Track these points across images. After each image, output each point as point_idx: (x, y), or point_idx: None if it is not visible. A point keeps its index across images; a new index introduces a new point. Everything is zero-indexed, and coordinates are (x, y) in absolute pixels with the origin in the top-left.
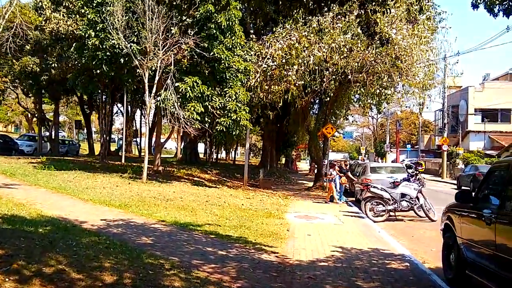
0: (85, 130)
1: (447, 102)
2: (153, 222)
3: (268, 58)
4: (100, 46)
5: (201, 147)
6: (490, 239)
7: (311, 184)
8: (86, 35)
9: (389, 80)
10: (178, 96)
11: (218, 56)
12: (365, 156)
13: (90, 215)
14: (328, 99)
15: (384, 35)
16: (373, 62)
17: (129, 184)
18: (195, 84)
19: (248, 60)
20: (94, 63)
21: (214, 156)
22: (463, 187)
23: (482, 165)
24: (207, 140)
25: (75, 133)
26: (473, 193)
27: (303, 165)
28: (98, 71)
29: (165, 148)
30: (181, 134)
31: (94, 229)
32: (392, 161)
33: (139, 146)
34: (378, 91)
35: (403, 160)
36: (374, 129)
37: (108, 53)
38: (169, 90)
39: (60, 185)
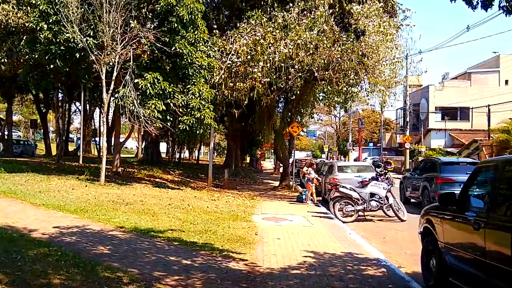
0: (42, 130)
1: (410, 99)
2: (111, 228)
3: (232, 54)
4: (54, 40)
5: (163, 147)
6: (477, 244)
7: (277, 183)
8: (38, 28)
9: (355, 77)
10: (138, 93)
11: (180, 51)
12: (329, 154)
13: (42, 222)
14: (293, 97)
15: (359, 26)
16: (339, 59)
17: (86, 186)
18: (155, 80)
19: (211, 56)
20: (47, 58)
21: (177, 156)
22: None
23: None
24: (170, 140)
25: (31, 133)
26: (457, 196)
27: (267, 164)
28: (51, 67)
29: (126, 148)
30: (142, 133)
31: (45, 238)
32: (355, 159)
33: (98, 146)
34: (344, 89)
35: (366, 158)
36: (337, 127)
37: (62, 48)
38: (128, 87)
39: (10, 189)
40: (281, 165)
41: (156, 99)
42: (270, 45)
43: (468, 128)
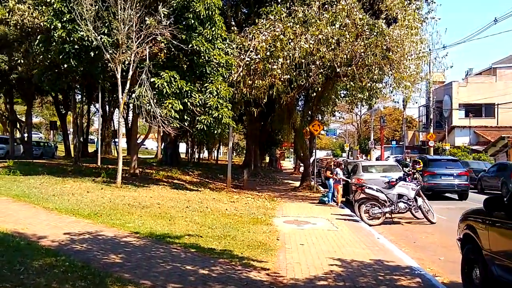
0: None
1: (429, 99)
2: (125, 234)
3: (251, 51)
4: (68, 39)
5: (182, 147)
6: None
7: (297, 184)
8: (52, 27)
9: (380, 73)
10: (154, 92)
11: (197, 48)
12: (350, 153)
13: (52, 228)
14: (314, 94)
15: (391, 14)
16: (363, 54)
17: (101, 189)
18: (172, 79)
19: (229, 54)
20: (61, 57)
21: (196, 156)
22: None
23: (473, 161)
24: (189, 140)
25: (52, 135)
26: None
27: (287, 164)
28: (66, 66)
29: (146, 148)
30: (161, 134)
31: (54, 246)
32: (377, 158)
33: (117, 147)
34: (368, 84)
35: (388, 157)
36: (358, 125)
37: (76, 46)
38: (144, 86)
39: (24, 192)
40: (301, 164)
41: (173, 98)
42: (290, 40)
43: (494, 125)
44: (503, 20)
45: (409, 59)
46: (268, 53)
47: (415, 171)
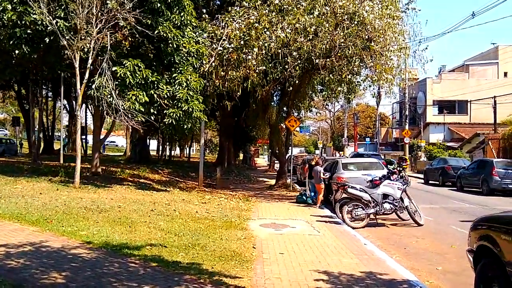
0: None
1: (403, 95)
2: (76, 244)
3: (223, 40)
4: (19, 22)
5: (153, 144)
6: None
7: (272, 181)
8: (1, 9)
9: (360, 64)
10: (116, 83)
11: (165, 35)
12: (324, 150)
13: None
14: (291, 88)
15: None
16: (342, 44)
17: (57, 190)
18: (136, 68)
19: (201, 43)
20: (11, 43)
21: (168, 154)
22: (430, 181)
23: (451, 157)
24: (159, 136)
25: (18, 131)
26: None
27: (261, 161)
28: (17, 53)
29: (116, 145)
30: (130, 130)
31: None
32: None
33: (86, 144)
34: (348, 77)
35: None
36: (331, 123)
37: (28, 31)
38: (104, 76)
39: None
40: (276, 162)
41: (138, 89)
42: (266, 29)
43: (467, 121)
44: (481, 14)
45: (391, 50)
46: (242, 42)
47: (401, 169)
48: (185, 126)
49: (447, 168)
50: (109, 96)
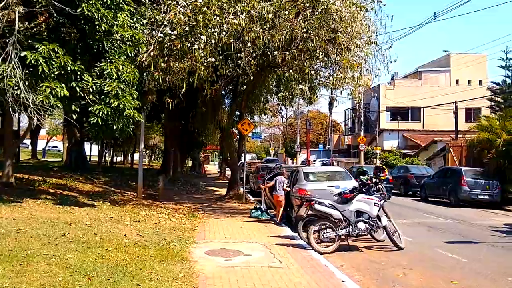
0: None
1: (356, 101)
2: None
3: (165, 25)
4: None
5: (95, 149)
6: None
7: (223, 191)
8: None
9: (325, 59)
10: (27, 71)
11: (90, 14)
12: (276, 156)
13: None
14: (244, 87)
15: None
16: (304, 35)
17: None
18: (52, 54)
19: (138, 29)
20: None
21: (110, 160)
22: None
23: (412, 165)
24: (101, 141)
25: None
26: None
27: (211, 168)
28: None
29: (59, 151)
30: (66, 134)
31: None
32: (302, 162)
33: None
34: (312, 72)
35: (314, 161)
36: (284, 129)
37: None
38: (10, 62)
39: None
40: (227, 169)
41: (56, 81)
42: (216, 16)
43: (420, 128)
44: (443, 14)
45: (358, 44)
46: (187, 29)
47: (377, 180)
48: (114, 127)
49: (409, 176)
50: (16, 88)
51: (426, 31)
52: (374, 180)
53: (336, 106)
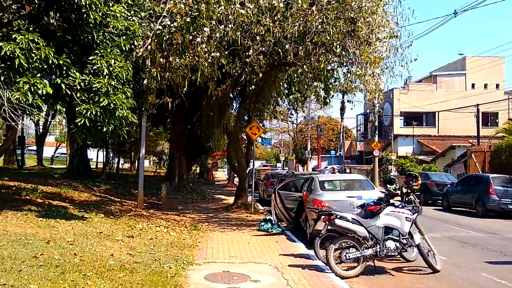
0: None
1: (370, 106)
2: None
3: (164, 16)
4: None
5: (101, 155)
6: None
7: (231, 200)
8: None
9: (342, 53)
10: (2, 65)
11: (77, 1)
12: (285, 163)
13: None
14: (253, 87)
15: None
16: (319, 26)
17: None
18: (32, 45)
19: (136, 22)
20: None
21: (115, 166)
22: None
23: (432, 172)
24: (107, 146)
25: None
26: None
27: (220, 174)
28: None
29: (59, 156)
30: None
31: None
32: (313, 169)
33: (23, 156)
34: (328, 67)
35: (326, 167)
36: (294, 135)
37: None
38: None
39: None
40: (236, 176)
41: (36, 76)
42: (220, 6)
43: (435, 133)
44: (463, 13)
45: (379, 38)
46: (188, 20)
47: (409, 191)
48: (104, 129)
49: (430, 184)
50: None
51: (438, 35)
52: (405, 190)
53: (352, 109)
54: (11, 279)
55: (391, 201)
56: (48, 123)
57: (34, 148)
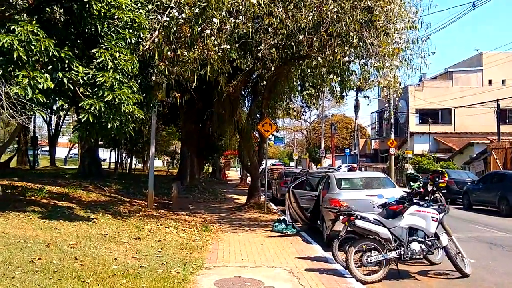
0: None
1: (384, 103)
2: None
3: (172, 8)
4: None
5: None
6: None
7: (243, 199)
8: None
9: (359, 43)
10: (1, 58)
11: None
12: (299, 162)
13: None
14: (264, 83)
15: None
16: (334, 17)
17: None
18: (32, 37)
19: (143, 15)
20: None
21: (128, 166)
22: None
23: (451, 170)
24: (120, 146)
25: None
26: None
27: (233, 174)
28: None
29: (73, 157)
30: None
31: None
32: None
33: (37, 156)
34: (345, 59)
35: (340, 166)
36: (307, 133)
37: None
38: None
39: None
40: (248, 175)
41: (36, 70)
42: None
43: (451, 131)
44: (482, 4)
45: (397, 28)
46: (197, 10)
47: (435, 188)
48: (109, 125)
49: (450, 182)
50: None
51: (452, 31)
52: (430, 188)
53: (368, 105)
54: (1, 287)
55: (415, 199)
56: (61, 123)
57: (48, 149)
